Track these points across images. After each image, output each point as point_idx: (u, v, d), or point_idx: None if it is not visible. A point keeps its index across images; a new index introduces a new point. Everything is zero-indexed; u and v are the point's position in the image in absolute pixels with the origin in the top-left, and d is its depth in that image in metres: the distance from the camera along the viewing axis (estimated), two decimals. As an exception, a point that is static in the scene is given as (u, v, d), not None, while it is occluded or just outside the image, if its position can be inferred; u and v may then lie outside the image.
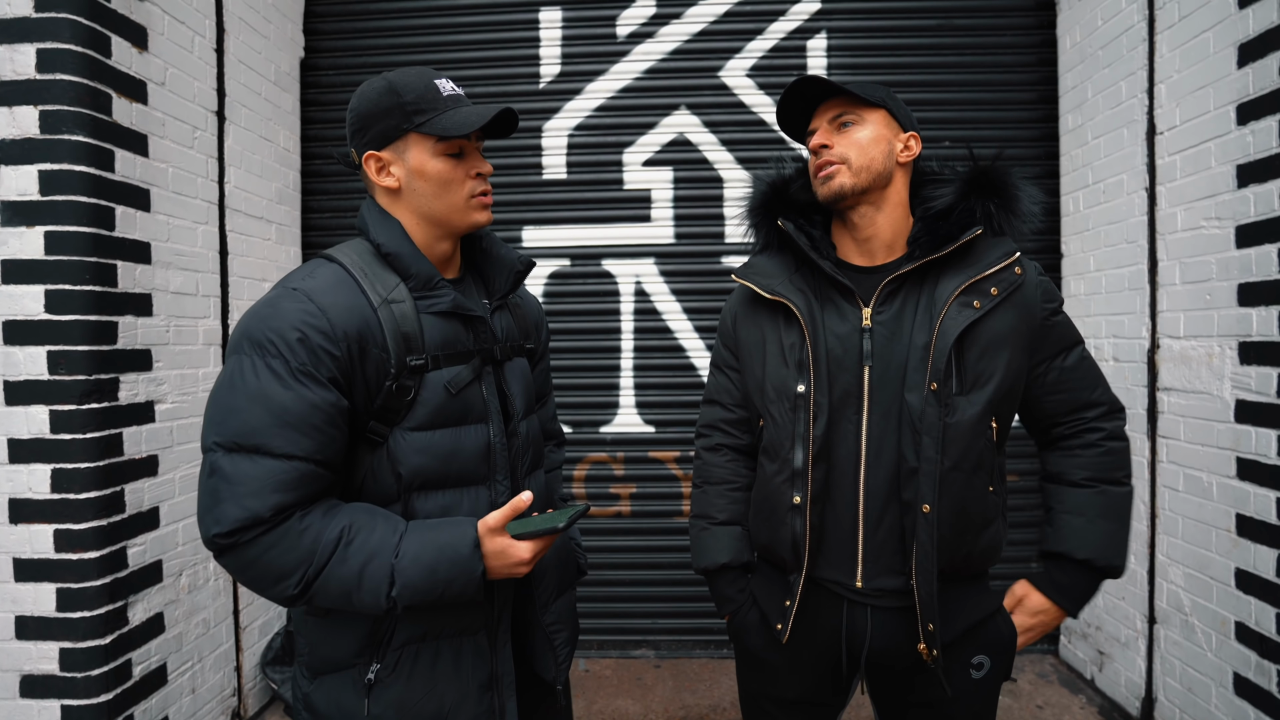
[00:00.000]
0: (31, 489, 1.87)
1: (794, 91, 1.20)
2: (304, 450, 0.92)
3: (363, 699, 1.02)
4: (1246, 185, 2.01)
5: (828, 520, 1.20)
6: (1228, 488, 2.10)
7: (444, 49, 3.11)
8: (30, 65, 1.84)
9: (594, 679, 2.87)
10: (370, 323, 0.98)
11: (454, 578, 0.95)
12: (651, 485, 3.10)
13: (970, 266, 1.15)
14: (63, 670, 1.88)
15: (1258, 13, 1.95)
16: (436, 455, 1.02)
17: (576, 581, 1.35)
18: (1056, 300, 1.21)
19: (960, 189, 1.20)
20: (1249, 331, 2.01)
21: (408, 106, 1.03)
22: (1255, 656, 1.99)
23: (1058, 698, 2.70)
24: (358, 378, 0.98)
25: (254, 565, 0.92)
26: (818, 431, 1.16)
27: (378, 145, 1.05)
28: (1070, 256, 2.92)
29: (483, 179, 1.09)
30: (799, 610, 1.22)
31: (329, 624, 1.05)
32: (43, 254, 1.86)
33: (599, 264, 3.11)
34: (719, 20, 3.07)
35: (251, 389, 0.92)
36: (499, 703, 1.10)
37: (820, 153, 1.19)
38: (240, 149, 2.60)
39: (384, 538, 0.95)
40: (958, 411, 1.11)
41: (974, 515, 1.14)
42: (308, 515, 0.94)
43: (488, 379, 1.10)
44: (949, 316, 1.12)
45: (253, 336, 0.94)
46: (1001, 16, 3.01)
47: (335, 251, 1.06)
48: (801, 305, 1.20)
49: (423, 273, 1.04)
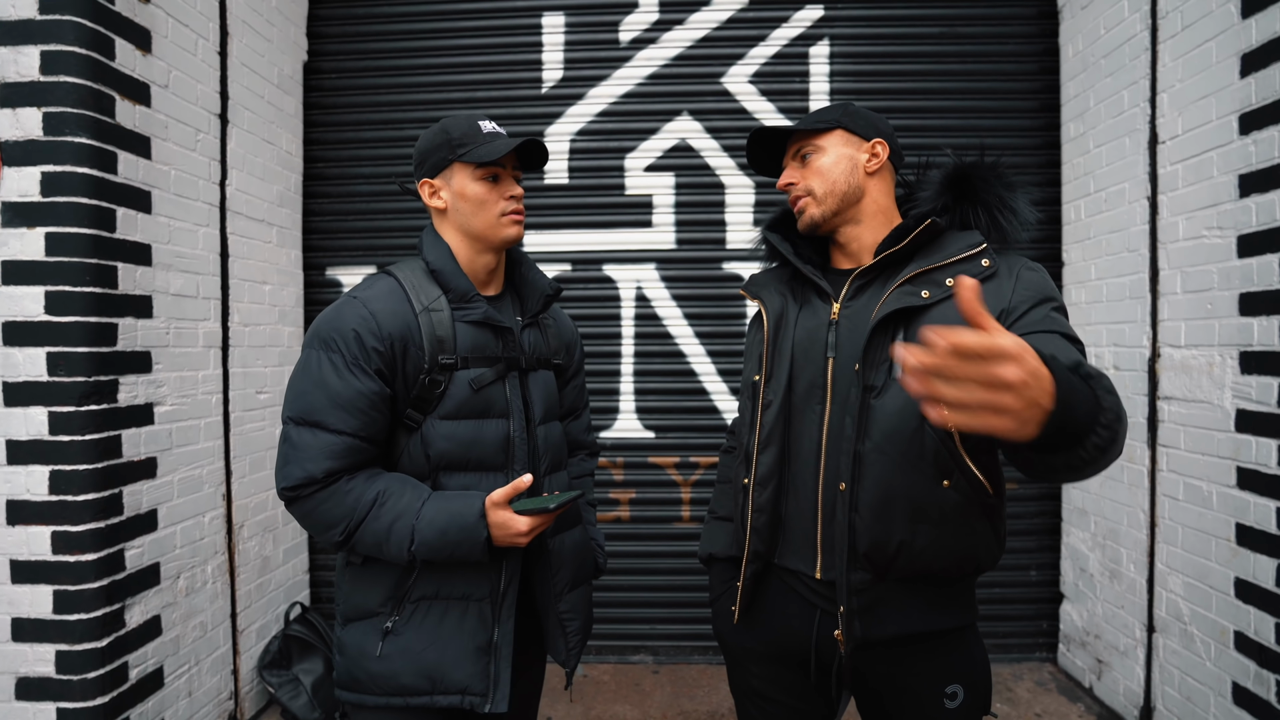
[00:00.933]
0: (29, 490, 1.87)
1: (753, 144, 1.31)
2: (351, 428, 1.15)
3: (379, 643, 1.21)
4: (1248, 195, 2.01)
5: (790, 509, 1.22)
6: (1228, 497, 2.09)
7: (447, 53, 3.12)
8: (34, 67, 1.84)
9: (592, 684, 2.87)
10: (411, 326, 1.19)
11: (461, 540, 1.15)
12: (651, 491, 3.10)
13: (931, 257, 1.14)
14: (59, 673, 1.87)
15: (1261, 22, 1.95)
16: (460, 442, 1.21)
17: (593, 577, 1.46)
18: (1043, 294, 1.08)
19: (937, 189, 1.23)
20: (1250, 341, 2.01)
21: (453, 142, 1.24)
22: (1254, 666, 1.98)
23: (1056, 706, 2.69)
24: (399, 371, 1.18)
25: (311, 515, 1.17)
26: (766, 418, 1.22)
27: (431, 174, 1.27)
28: (1071, 265, 2.92)
29: (515, 200, 1.27)
30: (752, 593, 1.26)
31: (363, 577, 1.25)
32: (43, 255, 1.85)
33: (600, 269, 3.11)
34: (722, 26, 3.08)
35: (315, 376, 1.15)
36: (494, 669, 1.23)
37: (789, 190, 1.27)
38: (242, 152, 2.60)
39: (410, 503, 1.16)
40: (887, 394, 1.09)
41: (907, 504, 1.08)
42: (354, 479, 1.17)
43: (512, 382, 1.28)
44: (888, 301, 1.11)
45: (321, 334, 1.17)
46: (1004, 25, 3.02)
47: (394, 267, 1.28)
48: (773, 306, 1.27)
49: (460, 287, 1.24)
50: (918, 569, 1.12)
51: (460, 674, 1.21)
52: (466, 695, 1.21)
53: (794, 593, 1.24)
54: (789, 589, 1.25)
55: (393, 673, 1.20)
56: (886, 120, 1.28)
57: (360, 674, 1.22)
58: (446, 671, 1.20)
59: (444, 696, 1.21)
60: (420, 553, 1.15)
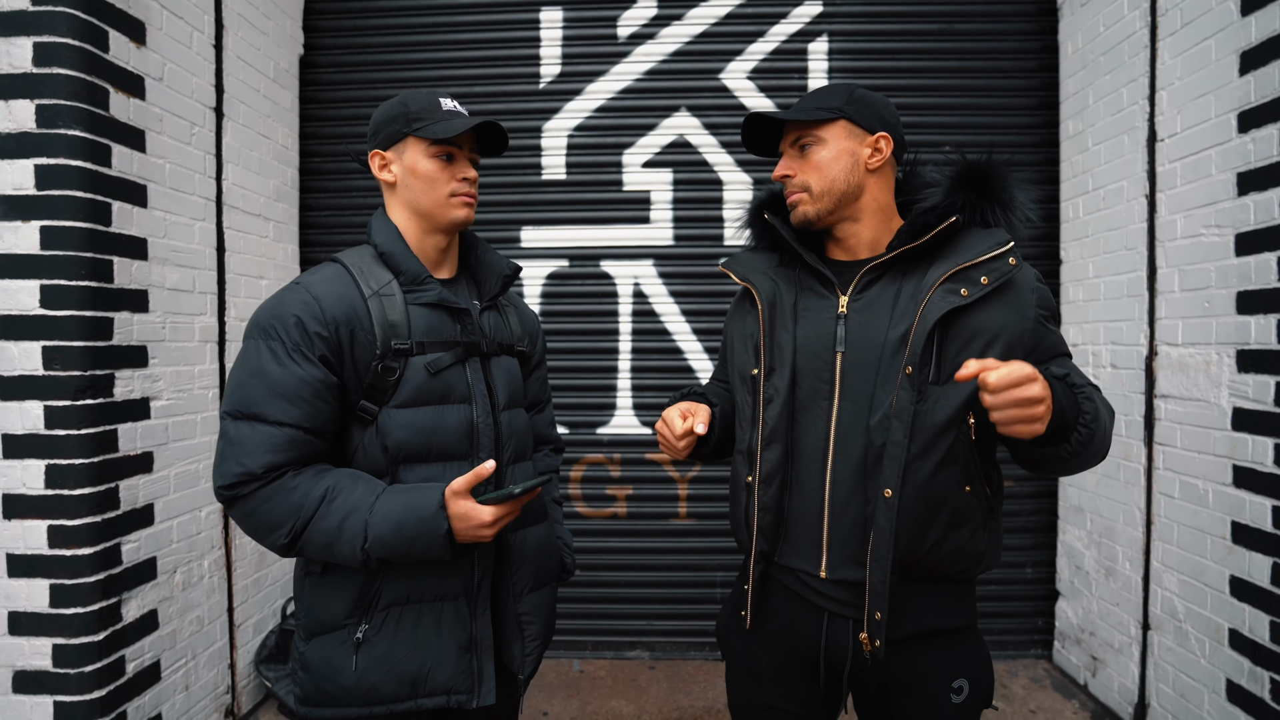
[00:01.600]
0: (25, 484, 1.87)
1: (748, 129, 1.25)
2: (293, 419, 1.07)
3: (351, 656, 1.13)
4: (1247, 193, 2.01)
5: (794, 506, 1.20)
6: (1224, 495, 2.10)
7: (444, 48, 3.11)
8: (27, 58, 1.83)
9: (588, 680, 2.87)
10: (359, 310, 1.13)
11: (419, 534, 1.06)
12: (648, 487, 3.10)
13: (959, 254, 1.13)
14: (55, 666, 1.87)
15: (1260, 20, 1.95)
16: (419, 430, 1.14)
17: (558, 579, 1.39)
18: (1052, 308, 1.17)
19: (948, 186, 1.18)
20: (1247, 339, 2.01)
21: (410, 115, 1.19)
22: (1248, 663, 1.99)
23: (1051, 703, 2.70)
24: (347, 358, 1.12)
25: (252, 516, 1.08)
26: (769, 414, 1.18)
27: (384, 146, 1.22)
28: (1069, 263, 2.92)
29: (467, 183, 1.22)
30: (761, 598, 1.24)
31: (323, 586, 1.17)
32: (38, 249, 1.85)
33: (598, 265, 3.10)
34: (720, 22, 3.07)
35: (254, 366, 1.08)
36: (478, 665, 1.19)
37: (785, 183, 1.21)
38: (238, 145, 2.59)
39: (362, 497, 1.07)
40: (930, 399, 1.09)
41: (942, 510, 1.10)
42: (299, 475, 1.08)
43: (473, 366, 1.22)
44: (932, 302, 1.09)
45: (260, 323, 1.11)
46: (1003, 22, 3.01)
47: (341, 254, 1.22)
48: (765, 291, 1.22)
49: (411, 269, 1.18)
50: (939, 570, 1.15)
51: (444, 675, 1.16)
52: (452, 695, 1.17)
53: (796, 595, 1.22)
54: (790, 591, 1.23)
55: (372, 685, 1.13)
56: (893, 107, 1.22)
57: (334, 688, 1.14)
58: (430, 675, 1.15)
59: (429, 699, 1.16)
60: (375, 551, 1.06)
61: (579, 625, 3.07)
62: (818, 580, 1.18)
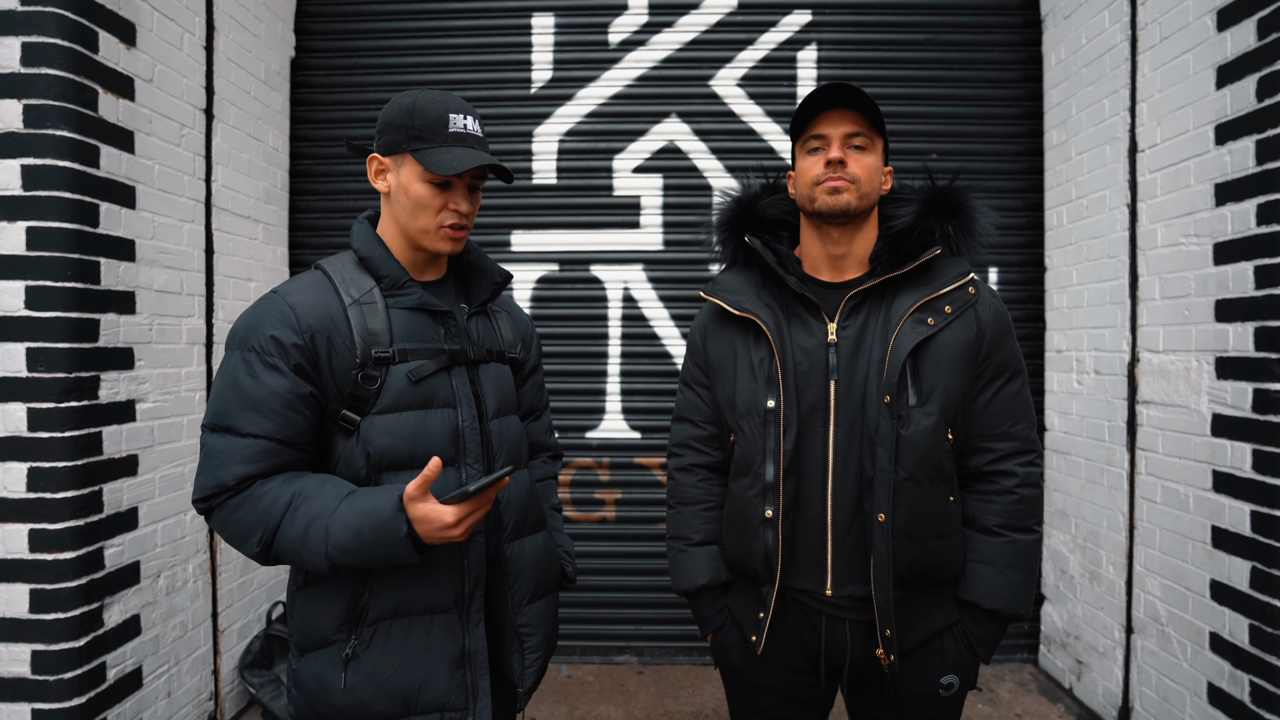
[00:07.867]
0: (6, 487, 1.84)
1: (824, 92, 1.19)
2: (265, 430, 1.06)
3: (341, 672, 1.11)
4: (1224, 204, 2.05)
5: (799, 531, 1.22)
6: (1204, 500, 2.13)
7: (435, 52, 3.11)
8: (15, 58, 1.82)
9: (576, 685, 2.86)
10: (337, 319, 1.10)
11: (379, 539, 1.02)
12: (636, 491, 3.10)
13: (927, 284, 1.20)
14: (34, 673, 1.85)
15: (1235, 36, 2.00)
16: (402, 436, 1.11)
17: (559, 588, 1.35)
18: (1007, 325, 1.25)
19: (919, 209, 1.26)
20: (1225, 347, 2.04)
21: (413, 130, 1.13)
22: (1229, 667, 2.02)
23: (1036, 706, 2.72)
24: (324, 367, 1.09)
25: (226, 525, 1.08)
26: (788, 445, 1.19)
27: (384, 151, 1.17)
28: (1054, 270, 2.96)
29: (459, 215, 1.16)
30: (773, 622, 1.25)
31: (312, 600, 1.15)
32: (24, 249, 1.83)
33: (587, 270, 3.11)
34: (711, 30, 3.10)
35: (229, 379, 1.08)
36: (471, 680, 1.15)
37: (835, 166, 1.19)
38: (228, 147, 2.58)
39: (326, 502, 1.05)
40: (912, 423, 1.15)
41: (931, 525, 1.17)
42: (269, 483, 1.07)
43: (459, 374, 1.18)
44: (903, 332, 1.16)
45: (236, 334, 1.10)
46: (989, 33, 3.06)
47: (324, 261, 1.19)
48: (769, 321, 1.24)
49: (392, 273, 1.16)
50: (935, 578, 1.21)
51: (436, 691, 1.12)
52: (446, 712, 1.13)
53: (798, 605, 1.26)
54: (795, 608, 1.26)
55: (362, 703, 1.10)
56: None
57: (324, 708, 1.11)
58: (421, 692, 1.11)
59: (422, 717, 1.12)
60: (337, 558, 1.03)
61: (567, 630, 3.05)
62: (823, 598, 1.23)
